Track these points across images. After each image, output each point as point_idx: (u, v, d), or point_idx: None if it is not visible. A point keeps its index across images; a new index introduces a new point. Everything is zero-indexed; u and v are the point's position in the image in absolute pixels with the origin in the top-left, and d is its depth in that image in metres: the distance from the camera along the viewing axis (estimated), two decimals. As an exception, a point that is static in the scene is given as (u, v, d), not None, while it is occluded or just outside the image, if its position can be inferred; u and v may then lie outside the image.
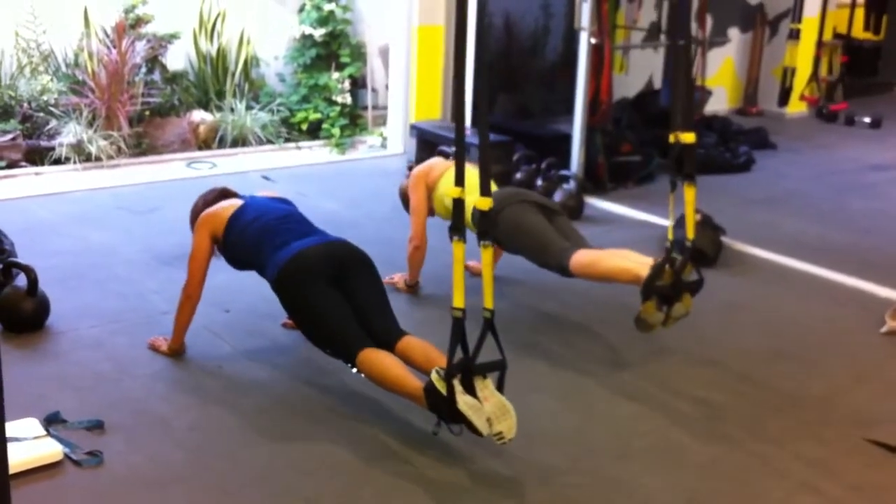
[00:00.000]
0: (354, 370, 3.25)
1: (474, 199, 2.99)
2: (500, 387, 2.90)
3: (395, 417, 3.29)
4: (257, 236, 3.59)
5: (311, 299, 3.36)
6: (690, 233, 3.56)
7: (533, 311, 4.38)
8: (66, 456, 2.98)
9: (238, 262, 3.75)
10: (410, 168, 5.32)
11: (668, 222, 3.65)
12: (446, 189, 4.25)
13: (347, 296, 3.40)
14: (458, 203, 2.84)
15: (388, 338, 3.33)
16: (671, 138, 3.52)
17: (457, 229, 2.83)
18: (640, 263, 3.66)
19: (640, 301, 3.53)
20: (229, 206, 3.75)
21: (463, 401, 2.79)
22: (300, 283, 3.39)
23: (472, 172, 3.06)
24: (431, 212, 4.45)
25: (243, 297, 4.28)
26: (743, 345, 4.07)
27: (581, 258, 3.84)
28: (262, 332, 4.00)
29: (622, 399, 3.53)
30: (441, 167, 4.43)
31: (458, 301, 2.80)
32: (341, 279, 3.43)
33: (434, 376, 2.87)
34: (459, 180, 2.84)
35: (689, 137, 3.49)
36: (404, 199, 4.59)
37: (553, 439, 3.22)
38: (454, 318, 2.80)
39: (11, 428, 3.00)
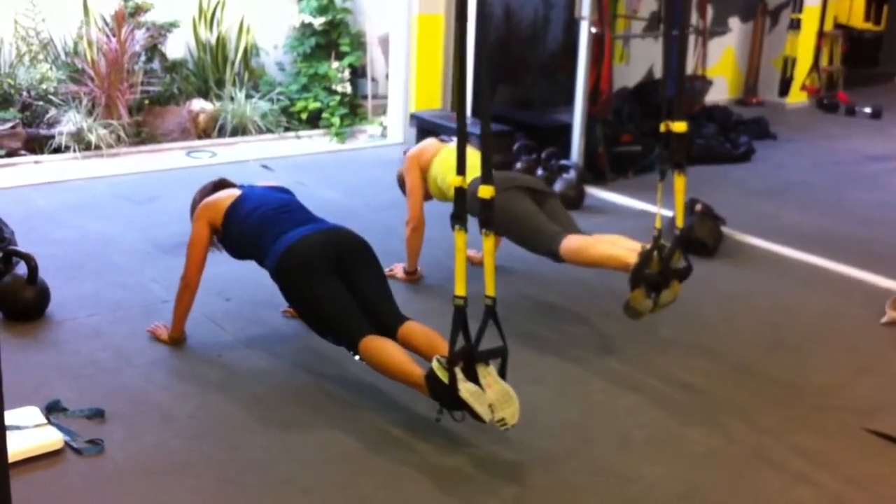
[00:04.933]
0: (357, 357, 3.25)
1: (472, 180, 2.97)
2: (502, 373, 2.91)
3: (396, 405, 3.30)
4: (256, 227, 3.58)
5: (311, 288, 3.35)
6: (679, 220, 3.57)
7: (533, 300, 4.38)
8: (67, 444, 2.98)
9: (238, 252, 3.75)
10: (406, 154, 5.33)
11: (665, 211, 3.65)
12: (440, 170, 4.29)
13: (348, 284, 3.39)
14: (460, 192, 2.85)
15: (389, 323, 3.33)
16: (662, 127, 3.52)
17: (459, 218, 2.84)
18: (628, 250, 3.67)
19: (629, 289, 3.53)
20: (227, 195, 3.74)
21: (465, 388, 2.80)
22: (300, 271, 3.38)
23: (472, 154, 3.03)
24: (428, 195, 4.45)
25: (244, 285, 4.28)
26: (742, 335, 4.07)
27: (571, 244, 3.85)
28: (262, 320, 4.00)
29: (621, 390, 3.53)
30: (433, 148, 4.45)
31: (460, 290, 2.81)
32: (342, 267, 3.42)
33: (435, 364, 2.87)
34: (461, 169, 2.84)
35: (680, 127, 3.48)
36: (401, 183, 4.60)
37: (553, 430, 3.23)
38: (456, 306, 2.81)
39: (12, 416, 3.00)
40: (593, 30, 6.19)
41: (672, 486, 2.92)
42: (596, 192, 6.17)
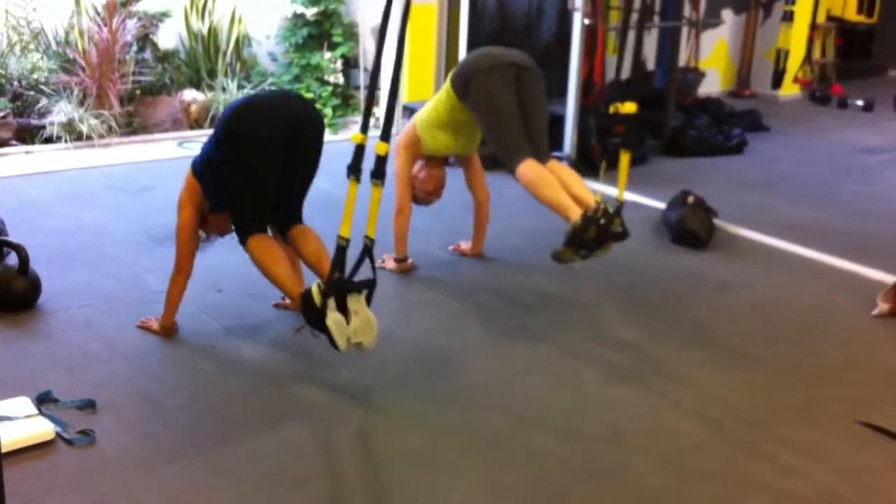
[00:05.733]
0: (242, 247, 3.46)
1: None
2: (368, 302, 3.15)
3: (387, 398, 3.30)
4: (211, 148, 3.63)
5: (251, 159, 3.47)
6: (621, 196, 3.91)
7: (526, 291, 4.38)
8: (58, 435, 2.97)
9: (221, 183, 3.63)
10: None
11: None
12: (426, 117, 4.48)
13: (285, 162, 3.52)
14: (359, 148, 3.17)
15: (290, 217, 3.59)
16: (611, 109, 3.75)
17: (354, 170, 3.15)
18: (577, 201, 3.88)
19: (563, 242, 3.77)
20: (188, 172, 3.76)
21: (332, 318, 3.06)
22: (250, 135, 3.48)
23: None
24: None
25: (235, 277, 4.27)
26: (734, 327, 4.08)
27: (526, 173, 4.00)
28: (253, 312, 4.00)
29: (614, 381, 3.54)
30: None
31: (345, 232, 3.08)
32: (290, 144, 3.53)
33: (314, 289, 3.12)
34: (364, 127, 3.19)
35: (629, 108, 3.80)
36: None
37: (544, 421, 3.23)
38: (338, 245, 3.08)
39: (3, 407, 3.01)
40: (586, 21, 6.19)
41: (662, 477, 2.93)
42: (589, 184, 6.14)
